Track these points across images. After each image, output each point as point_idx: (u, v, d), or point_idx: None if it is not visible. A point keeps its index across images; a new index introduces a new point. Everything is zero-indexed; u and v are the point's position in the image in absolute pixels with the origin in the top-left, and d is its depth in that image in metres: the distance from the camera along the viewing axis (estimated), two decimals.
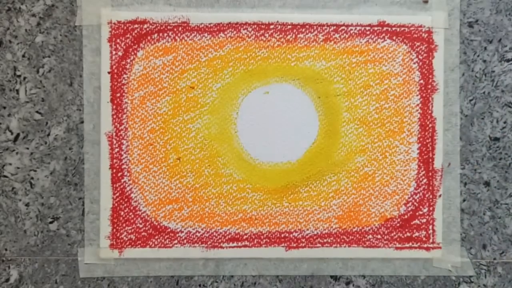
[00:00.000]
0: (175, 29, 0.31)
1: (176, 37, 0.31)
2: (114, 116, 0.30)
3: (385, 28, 0.31)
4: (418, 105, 0.31)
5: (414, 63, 0.31)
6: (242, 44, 0.31)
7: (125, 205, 0.30)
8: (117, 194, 0.30)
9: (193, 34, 0.31)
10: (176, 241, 0.30)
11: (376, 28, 0.31)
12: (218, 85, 0.31)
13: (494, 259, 0.31)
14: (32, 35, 0.31)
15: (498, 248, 0.31)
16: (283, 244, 0.31)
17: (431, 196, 0.31)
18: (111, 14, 0.30)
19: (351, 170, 0.30)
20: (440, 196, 0.31)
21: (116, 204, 0.30)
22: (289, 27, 0.31)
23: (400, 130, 0.31)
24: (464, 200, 0.31)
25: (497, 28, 0.31)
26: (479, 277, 0.31)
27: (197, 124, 0.31)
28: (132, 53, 0.30)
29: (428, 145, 0.31)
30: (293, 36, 0.31)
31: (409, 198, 0.31)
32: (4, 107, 0.30)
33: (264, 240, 0.31)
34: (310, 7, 0.31)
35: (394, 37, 0.31)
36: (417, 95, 0.31)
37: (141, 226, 0.30)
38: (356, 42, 0.31)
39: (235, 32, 0.31)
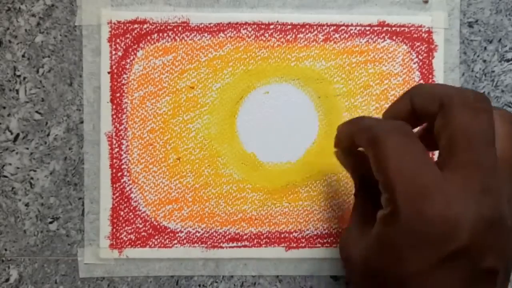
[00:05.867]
0: (175, 29, 0.31)
1: (176, 37, 0.31)
2: (114, 116, 0.30)
3: (385, 28, 0.31)
4: None
5: (414, 63, 0.31)
6: (242, 44, 0.31)
7: (125, 205, 0.30)
8: (117, 194, 0.30)
9: (193, 34, 0.31)
10: (176, 241, 0.30)
11: (376, 28, 0.31)
12: (218, 85, 0.31)
13: None
14: (32, 35, 0.30)
15: None
16: (283, 244, 0.31)
17: None
18: (111, 14, 0.30)
19: None
20: None
21: (116, 204, 0.30)
22: (289, 27, 0.31)
23: None
24: None
25: (497, 28, 0.31)
26: None
27: (197, 124, 0.31)
28: (132, 53, 0.30)
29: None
30: (293, 36, 0.31)
31: None
32: (4, 107, 0.30)
33: (264, 240, 0.31)
34: (310, 7, 0.31)
35: (394, 37, 0.31)
36: None
37: (141, 226, 0.30)
38: (356, 42, 0.31)
39: (235, 32, 0.31)
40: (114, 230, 0.30)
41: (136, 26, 0.30)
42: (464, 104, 0.20)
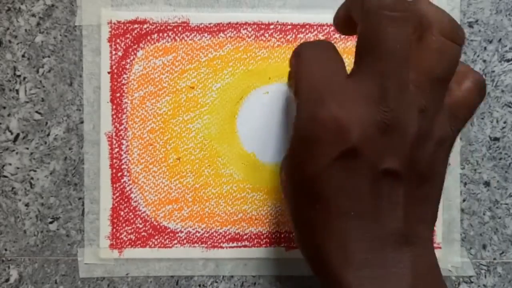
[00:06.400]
0: (175, 29, 0.31)
1: (176, 37, 0.31)
2: (114, 116, 0.30)
3: None
4: None
5: None
6: (242, 44, 0.31)
7: (125, 205, 0.30)
8: (117, 194, 0.30)
9: (193, 34, 0.31)
10: (176, 241, 0.30)
11: None
12: (218, 85, 0.31)
13: (494, 259, 0.31)
14: (32, 35, 0.31)
15: (498, 248, 0.31)
16: (283, 244, 0.31)
17: None
18: (111, 14, 0.30)
19: None
20: None
21: (116, 204, 0.30)
22: (289, 27, 0.31)
23: None
24: (464, 200, 0.31)
25: (497, 28, 0.31)
26: (479, 277, 0.31)
27: (197, 124, 0.31)
28: (132, 53, 0.30)
29: None
30: (293, 36, 0.31)
31: None
32: (4, 107, 0.30)
33: (264, 240, 0.31)
34: (310, 7, 0.31)
35: None
36: None
37: (141, 226, 0.30)
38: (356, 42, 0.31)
39: (235, 32, 0.31)
40: (114, 230, 0.30)
41: (136, 26, 0.30)
42: (380, 8, 0.19)
